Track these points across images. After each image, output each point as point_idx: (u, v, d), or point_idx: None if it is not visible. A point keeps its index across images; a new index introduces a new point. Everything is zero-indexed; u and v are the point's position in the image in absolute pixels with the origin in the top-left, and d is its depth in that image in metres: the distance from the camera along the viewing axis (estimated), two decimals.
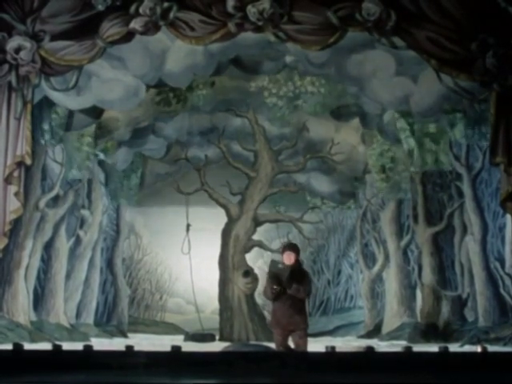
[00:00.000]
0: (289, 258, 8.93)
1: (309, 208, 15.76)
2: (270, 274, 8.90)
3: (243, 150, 15.15)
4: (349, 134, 14.92)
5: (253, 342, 13.51)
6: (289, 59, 12.82)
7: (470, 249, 13.16)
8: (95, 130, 13.56)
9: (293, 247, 9.20)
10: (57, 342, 10.07)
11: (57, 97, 11.68)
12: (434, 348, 9.26)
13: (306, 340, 8.99)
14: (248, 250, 14.87)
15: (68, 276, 13.82)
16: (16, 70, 10.90)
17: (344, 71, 11.86)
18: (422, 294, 13.89)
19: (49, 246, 13.50)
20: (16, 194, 10.85)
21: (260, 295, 15.12)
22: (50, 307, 13.42)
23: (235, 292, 14.47)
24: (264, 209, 15.16)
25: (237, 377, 6.11)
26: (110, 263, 15.19)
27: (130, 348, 6.94)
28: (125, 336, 14.56)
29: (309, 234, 15.72)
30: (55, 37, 10.91)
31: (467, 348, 11.78)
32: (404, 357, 6.91)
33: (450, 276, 13.84)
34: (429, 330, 13.43)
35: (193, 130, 15.00)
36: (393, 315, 14.29)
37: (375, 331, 14.52)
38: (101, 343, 12.01)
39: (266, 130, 14.93)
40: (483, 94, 10.94)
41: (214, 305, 14.84)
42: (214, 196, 15.02)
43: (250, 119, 14.93)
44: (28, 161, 10.97)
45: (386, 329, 14.27)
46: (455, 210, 13.72)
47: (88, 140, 13.58)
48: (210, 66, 11.97)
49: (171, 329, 15.67)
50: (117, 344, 12.18)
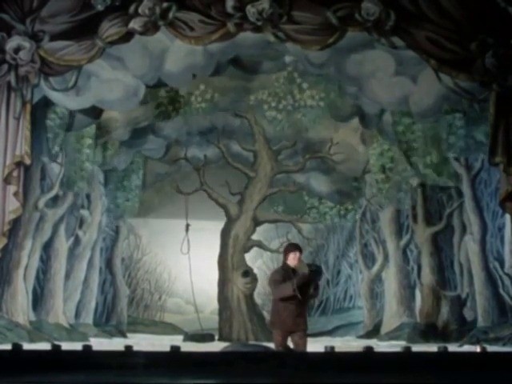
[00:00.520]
0: (295, 258, 8.83)
1: (307, 208, 15.78)
2: (302, 278, 8.69)
3: (242, 149, 15.14)
4: (348, 133, 14.91)
5: (252, 342, 13.51)
6: (288, 59, 12.84)
7: (469, 249, 13.16)
8: (95, 130, 13.58)
9: (298, 247, 9.06)
10: (56, 342, 10.04)
11: (56, 97, 11.68)
12: (433, 348, 9.28)
13: (305, 340, 9.00)
14: (247, 249, 14.86)
15: (67, 276, 13.81)
16: (15, 70, 10.89)
17: (343, 71, 11.87)
18: (422, 294, 13.89)
19: (48, 246, 13.49)
20: (15, 194, 10.84)
21: (259, 295, 15.14)
22: (49, 307, 13.41)
23: (234, 292, 14.45)
24: (263, 209, 15.17)
25: (236, 377, 6.10)
26: (109, 263, 15.18)
27: (129, 348, 6.93)
28: (124, 336, 14.54)
29: (308, 234, 15.72)
30: (54, 37, 10.90)
31: (466, 348, 11.78)
32: (403, 357, 6.91)
33: (450, 276, 13.85)
34: (428, 330, 13.44)
35: (192, 130, 15.00)
36: (392, 315, 14.28)
37: (374, 331, 14.52)
38: (100, 343, 11.99)
39: (265, 130, 14.93)
40: (483, 94, 10.94)
41: (214, 305, 14.83)
42: (213, 196, 15.01)
43: (250, 119, 14.93)
44: (27, 161, 10.96)
45: (385, 329, 14.27)
46: (454, 210, 13.73)
47: (88, 141, 13.58)
48: (210, 65, 11.97)
49: (170, 329, 15.65)
50: (116, 344, 12.18)
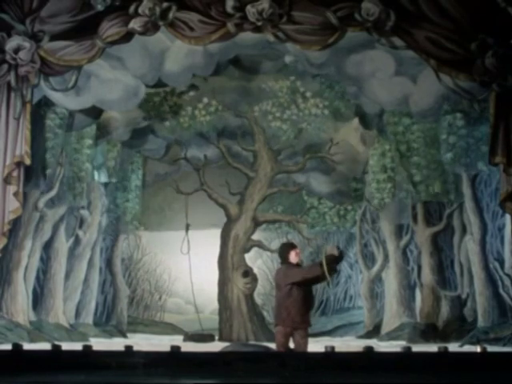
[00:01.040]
0: (297, 254, 9.26)
1: (307, 208, 15.79)
2: (330, 258, 8.92)
3: (242, 150, 15.14)
4: (348, 134, 14.92)
5: (252, 342, 13.51)
6: (288, 59, 12.83)
7: (469, 249, 13.15)
8: (95, 130, 13.58)
9: (295, 244, 9.65)
10: (56, 342, 10.06)
11: (56, 97, 11.69)
12: (433, 348, 9.30)
13: (307, 340, 9.03)
14: (247, 250, 14.86)
15: (67, 276, 13.82)
16: (15, 70, 10.88)
17: (343, 71, 11.87)
18: (422, 294, 13.88)
19: (48, 246, 13.50)
20: (15, 194, 10.83)
21: (259, 295, 15.16)
22: (50, 307, 13.41)
23: (234, 292, 14.45)
24: (263, 209, 15.17)
25: (236, 377, 6.11)
26: (109, 263, 15.19)
27: (129, 348, 6.94)
28: (124, 336, 14.54)
29: (308, 234, 15.73)
30: (54, 37, 10.89)
31: (467, 348, 11.78)
32: (403, 357, 6.92)
33: (450, 276, 13.84)
34: (428, 330, 13.43)
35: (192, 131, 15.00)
36: (392, 315, 14.27)
37: (374, 331, 14.50)
38: (100, 343, 12.01)
39: (265, 130, 14.93)
40: (483, 94, 10.91)
41: (214, 305, 14.82)
42: (213, 196, 15.00)
43: (250, 119, 14.92)
44: (27, 161, 10.95)
45: (385, 329, 14.26)
46: (454, 210, 13.71)
47: (88, 141, 13.57)
48: (210, 66, 11.98)
49: (170, 329, 15.67)
50: (116, 344, 12.16)
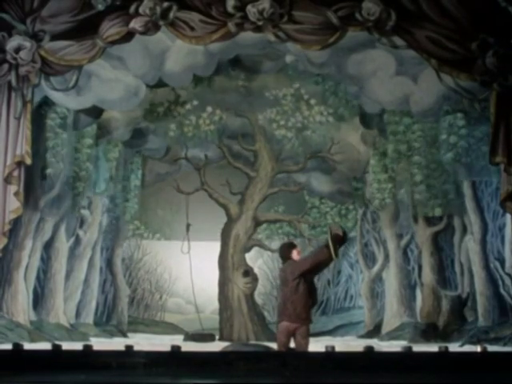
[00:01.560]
0: (299, 253, 9.51)
1: (308, 208, 15.79)
2: (335, 239, 9.02)
3: (243, 149, 15.13)
4: (349, 133, 14.91)
5: (253, 341, 13.50)
6: (289, 59, 12.82)
7: (469, 248, 13.16)
8: (96, 130, 13.58)
9: (294, 244, 9.82)
10: (56, 342, 10.06)
11: (57, 97, 11.69)
12: (433, 348, 9.29)
13: (308, 340, 9.02)
14: (248, 249, 14.86)
15: (68, 276, 13.81)
16: (16, 70, 10.89)
17: (344, 71, 11.87)
18: (422, 293, 13.88)
19: (48, 246, 13.49)
20: (15, 194, 10.83)
21: (260, 295, 15.16)
22: (50, 307, 13.41)
23: (235, 292, 14.44)
24: (264, 209, 15.16)
25: (237, 377, 6.11)
26: (109, 263, 15.18)
27: (129, 348, 6.95)
28: (124, 336, 14.54)
29: (309, 234, 15.72)
30: (55, 37, 10.90)
31: (467, 348, 11.77)
32: (404, 357, 6.92)
33: (450, 276, 13.84)
34: (429, 330, 13.42)
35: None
36: (393, 315, 14.27)
37: (375, 331, 14.50)
38: (100, 343, 11.99)
39: (266, 130, 14.92)
40: (483, 93, 10.92)
41: (214, 305, 14.82)
42: (213, 196, 14.99)
43: (251, 119, 14.91)
44: (28, 160, 10.95)
45: (385, 329, 14.25)
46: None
47: (88, 141, 13.57)
48: (210, 65, 11.98)
49: (171, 329, 15.66)
50: (116, 344, 12.14)
